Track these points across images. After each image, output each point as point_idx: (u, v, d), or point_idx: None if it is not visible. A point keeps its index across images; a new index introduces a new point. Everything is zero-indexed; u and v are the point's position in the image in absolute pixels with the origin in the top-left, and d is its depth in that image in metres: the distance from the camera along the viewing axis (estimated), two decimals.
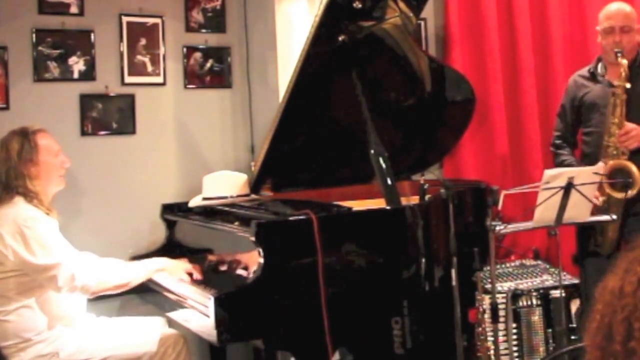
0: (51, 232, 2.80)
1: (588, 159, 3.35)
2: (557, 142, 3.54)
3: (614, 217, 2.96)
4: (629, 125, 3.18)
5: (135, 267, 3.06)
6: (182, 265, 3.10)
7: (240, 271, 2.96)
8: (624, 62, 3.16)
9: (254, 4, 3.94)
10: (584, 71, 3.48)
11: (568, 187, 2.80)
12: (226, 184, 3.21)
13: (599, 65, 3.40)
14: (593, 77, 3.41)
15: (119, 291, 2.92)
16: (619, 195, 3.13)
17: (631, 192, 3.07)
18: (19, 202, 2.79)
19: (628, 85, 3.17)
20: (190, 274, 3.06)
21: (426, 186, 2.93)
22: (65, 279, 2.73)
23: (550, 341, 3.41)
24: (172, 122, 3.82)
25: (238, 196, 3.19)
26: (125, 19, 3.67)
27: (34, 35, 3.45)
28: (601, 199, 3.18)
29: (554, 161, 3.55)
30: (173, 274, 3.06)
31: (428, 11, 4.00)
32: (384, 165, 2.85)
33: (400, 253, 2.73)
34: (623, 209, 3.16)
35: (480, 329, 3.04)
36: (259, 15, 3.89)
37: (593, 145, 3.34)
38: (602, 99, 3.32)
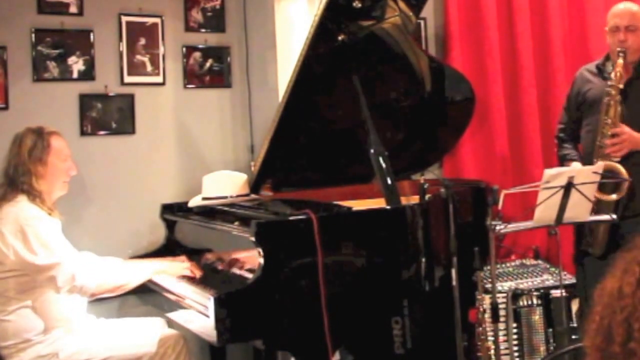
0: (53, 232, 2.82)
1: (585, 158, 3.31)
2: (561, 135, 3.52)
3: (614, 216, 2.95)
4: (620, 129, 3.15)
5: (135, 269, 3.06)
6: (181, 266, 3.11)
7: (239, 271, 2.96)
8: (620, 62, 3.14)
9: (253, 4, 3.93)
10: (592, 66, 3.44)
11: (568, 187, 2.79)
12: (226, 183, 3.21)
13: (607, 63, 3.36)
14: (599, 72, 3.37)
15: (117, 293, 2.93)
16: (608, 198, 3.11)
17: (619, 194, 3.05)
18: (22, 200, 2.81)
19: (621, 86, 3.15)
20: (190, 274, 3.07)
21: (426, 186, 2.92)
22: (65, 279, 2.75)
23: (551, 341, 3.41)
24: (171, 122, 3.82)
25: (238, 196, 3.19)
26: (124, 19, 3.66)
27: (33, 35, 3.44)
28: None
29: (557, 153, 3.52)
30: (174, 275, 3.07)
31: (428, 10, 4.00)
32: (384, 165, 2.85)
33: (401, 253, 2.73)
34: (614, 212, 3.08)
35: (480, 328, 3.03)
36: (259, 15, 3.89)
37: (589, 144, 3.31)
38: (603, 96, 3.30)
